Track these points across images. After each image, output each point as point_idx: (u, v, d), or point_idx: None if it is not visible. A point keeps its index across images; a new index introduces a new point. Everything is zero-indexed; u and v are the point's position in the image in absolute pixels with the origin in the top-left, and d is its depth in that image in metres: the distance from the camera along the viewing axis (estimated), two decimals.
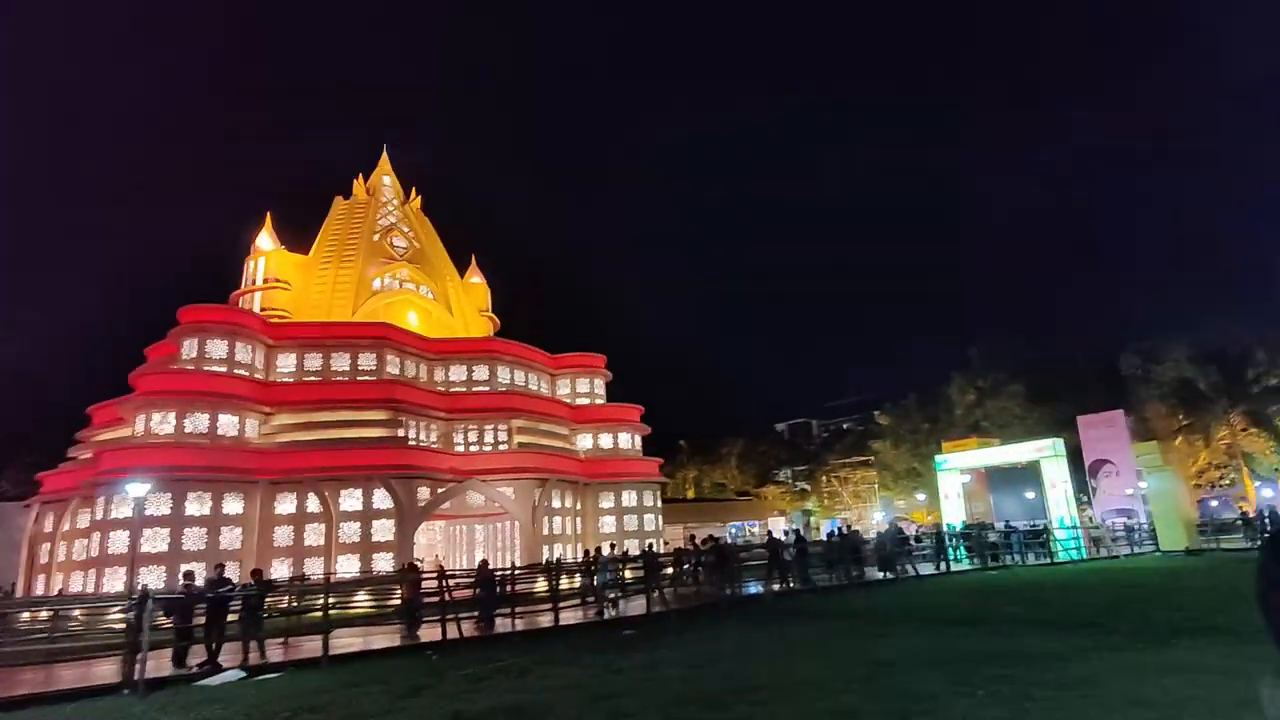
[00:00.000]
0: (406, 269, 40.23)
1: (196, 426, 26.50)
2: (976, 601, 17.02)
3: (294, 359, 31.12)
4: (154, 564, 23.73)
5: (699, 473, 73.08)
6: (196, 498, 25.12)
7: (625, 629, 15.59)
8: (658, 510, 37.56)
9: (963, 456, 35.93)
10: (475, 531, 35.10)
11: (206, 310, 29.36)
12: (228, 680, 11.49)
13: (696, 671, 10.14)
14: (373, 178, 44.20)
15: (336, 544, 26.74)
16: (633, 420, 39.05)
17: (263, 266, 38.50)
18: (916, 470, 51.08)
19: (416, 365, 33.68)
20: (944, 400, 52.29)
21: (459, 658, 12.88)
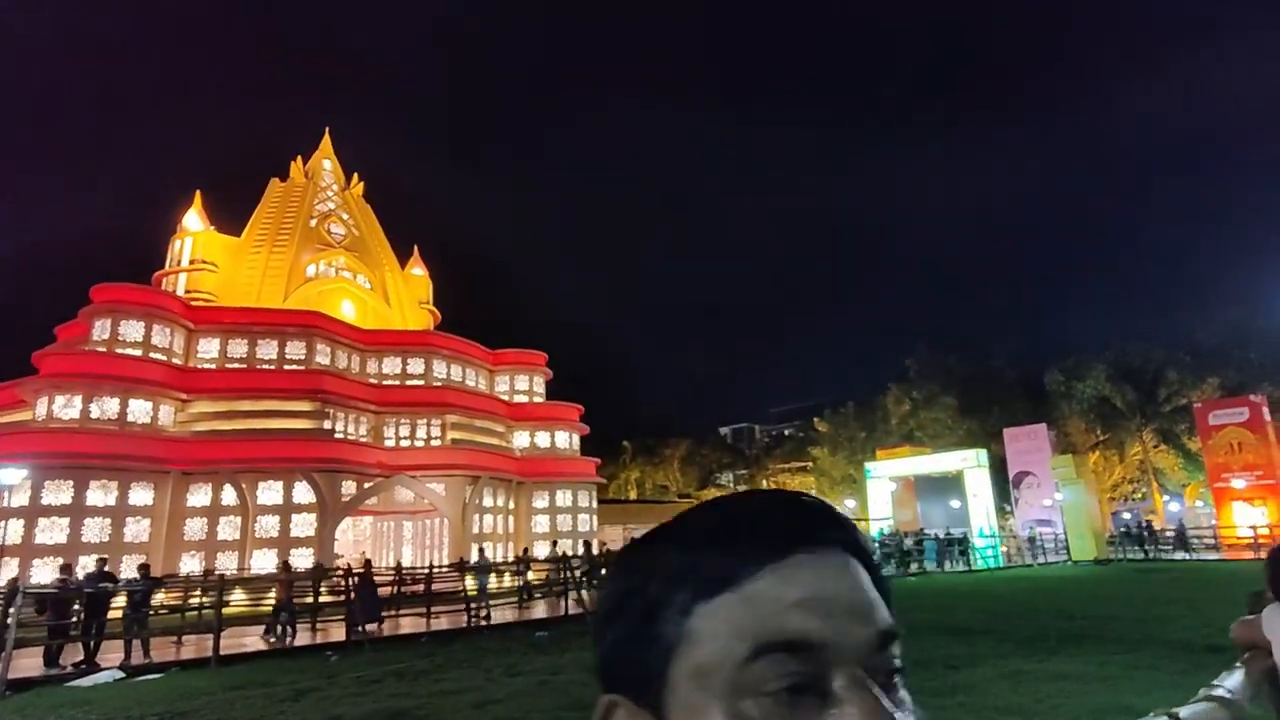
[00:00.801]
0: (343, 256, 39.10)
1: (104, 411, 25.19)
2: None
3: (217, 345, 29.89)
4: (50, 555, 22.38)
5: (642, 474, 73.09)
6: (100, 486, 23.86)
7: (539, 631, 15.35)
8: (593, 510, 37.33)
9: (891, 465, 36.74)
10: (404, 528, 34.29)
11: (121, 290, 27.96)
12: (103, 681, 10.86)
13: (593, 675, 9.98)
14: (312, 160, 42.83)
15: (253, 538, 25.77)
16: (571, 419, 38.74)
17: (189, 247, 36.86)
18: (852, 477, 51.97)
19: (348, 356, 32.73)
20: (881, 409, 53.39)
21: (359, 659, 12.48)
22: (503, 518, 33.35)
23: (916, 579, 25.04)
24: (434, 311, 43.82)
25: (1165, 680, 8.14)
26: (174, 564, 24.49)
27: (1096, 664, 9.42)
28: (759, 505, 0.52)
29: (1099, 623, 13.27)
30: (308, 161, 42.67)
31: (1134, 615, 14.10)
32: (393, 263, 42.40)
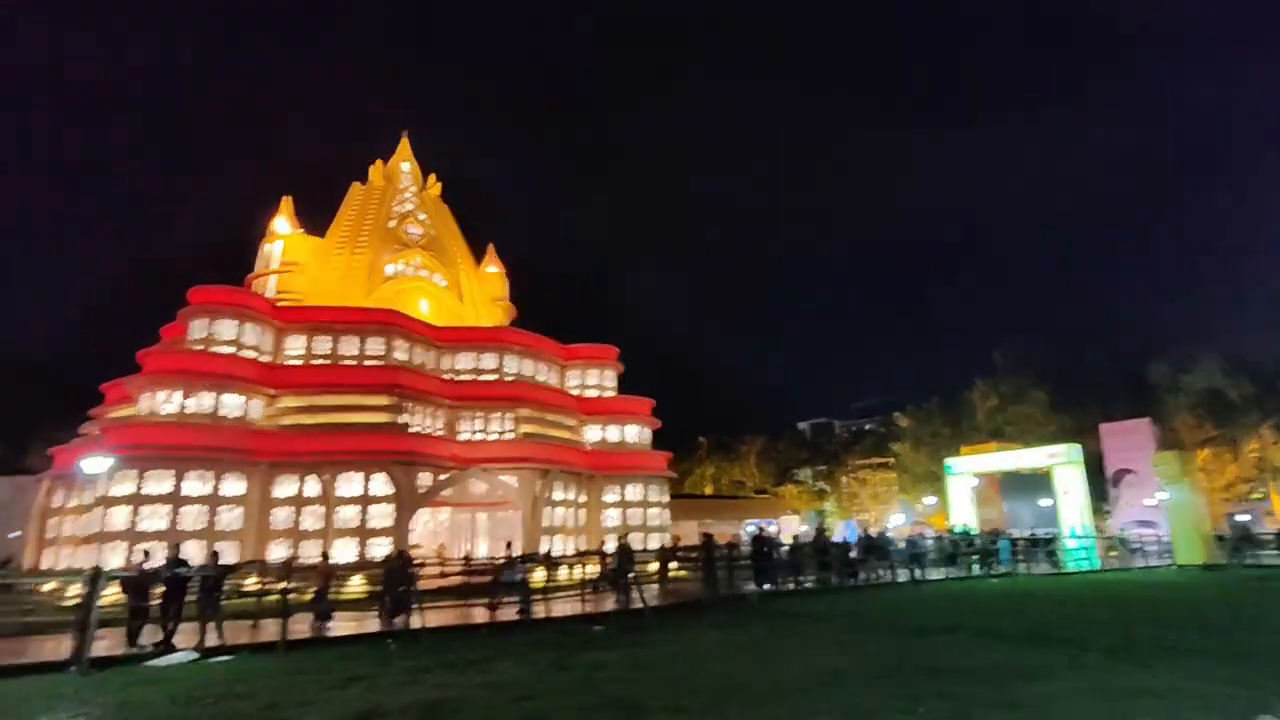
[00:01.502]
0: (420, 256, 40.27)
1: (200, 406, 26.77)
2: (962, 610, 16.39)
3: (302, 342, 31.29)
4: (153, 541, 23.94)
5: (718, 469, 72.50)
6: (198, 476, 25.35)
7: (596, 625, 15.29)
8: (664, 505, 37.16)
9: (973, 460, 34.96)
10: (479, 520, 35.08)
11: (215, 291, 29.65)
12: (177, 661, 11.44)
13: (638, 674, 9.80)
14: (391, 163, 44.31)
15: (334, 528, 26.84)
16: (643, 413, 38.67)
17: (279, 250, 38.83)
18: (935, 474, 49.88)
19: (424, 352, 33.65)
20: (966, 405, 51.11)
21: (417, 648, 12.70)
22: (574, 511, 33.61)
23: (999, 580, 23.69)
24: (508, 307, 44.64)
25: (1276, 703, 7.27)
26: (263, 551, 25.79)
27: (1193, 680, 8.55)
28: None
29: (1199, 634, 12.11)
30: (387, 164, 44.16)
31: (1241, 627, 12.79)
32: (468, 261, 43.39)
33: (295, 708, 8.24)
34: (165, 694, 9.14)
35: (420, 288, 39.43)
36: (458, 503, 33.40)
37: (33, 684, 10.11)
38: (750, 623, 15.13)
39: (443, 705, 8.06)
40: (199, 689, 9.34)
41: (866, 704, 7.83)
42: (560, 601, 19.72)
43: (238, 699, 8.75)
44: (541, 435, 33.43)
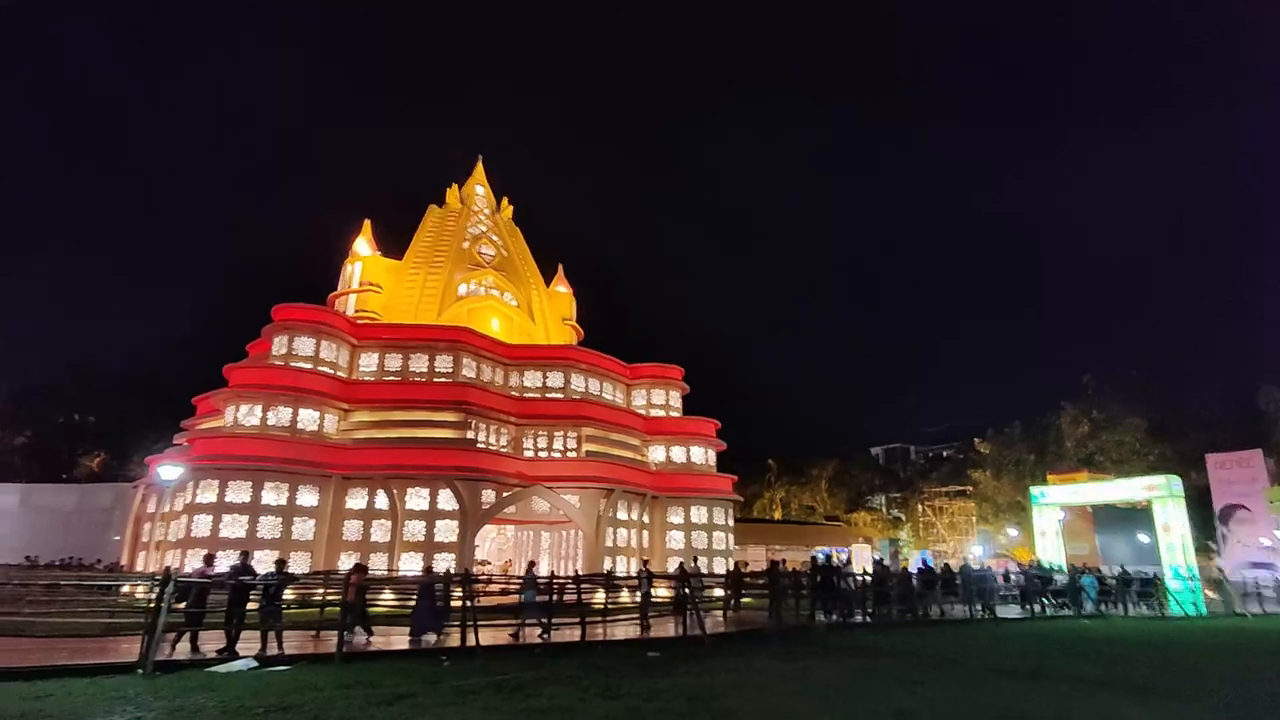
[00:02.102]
0: (492, 276, 41.06)
1: (279, 419, 27.82)
2: (1047, 652, 15.17)
3: (376, 359, 32.24)
4: (232, 549, 24.86)
5: (787, 493, 70.83)
6: (274, 488, 26.27)
7: (652, 650, 14.84)
8: (728, 529, 36.38)
9: (1062, 490, 32.81)
10: (542, 538, 35.13)
11: (296, 309, 30.89)
12: (237, 669, 11.62)
13: (691, 705, 9.33)
14: (466, 186, 45.53)
15: (401, 542, 27.31)
16: (707, 434, 38.11)
17: (359, 271, 40.30)
18: (1019, 504, 47.33)
19: (492, 369, 34.14)
20: (1053, 430, 48.33)
21: (469, 666, 12.54)
22: (636, 532, 33.25)
23: (1091, 622, 21.95)
24: (576, 327, 45.03)
25: None
26: (334, 562, 26.41)
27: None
28: None
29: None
30: (462, 188, 45.40)
31: None
32: (538, 281, 44.03)
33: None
34: (218, 701, 9.24)
35: (492, 307, 40.17)
36: (521, 520, 33.55)
37: (102, 684, 10.42)
38: (814, 656, 14.39)
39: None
40: (251, 698, 9.40)
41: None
42: (619, 625, 19.32)
43: (285, 711, 8.74)
44: (605, 454, 33.29)
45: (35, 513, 39.40)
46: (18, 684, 10.45)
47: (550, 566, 32.43)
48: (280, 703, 9.20)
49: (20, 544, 35.50)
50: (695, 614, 16.76)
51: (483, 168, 46.89)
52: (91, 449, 55.09)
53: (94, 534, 37.47)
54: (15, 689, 10.10)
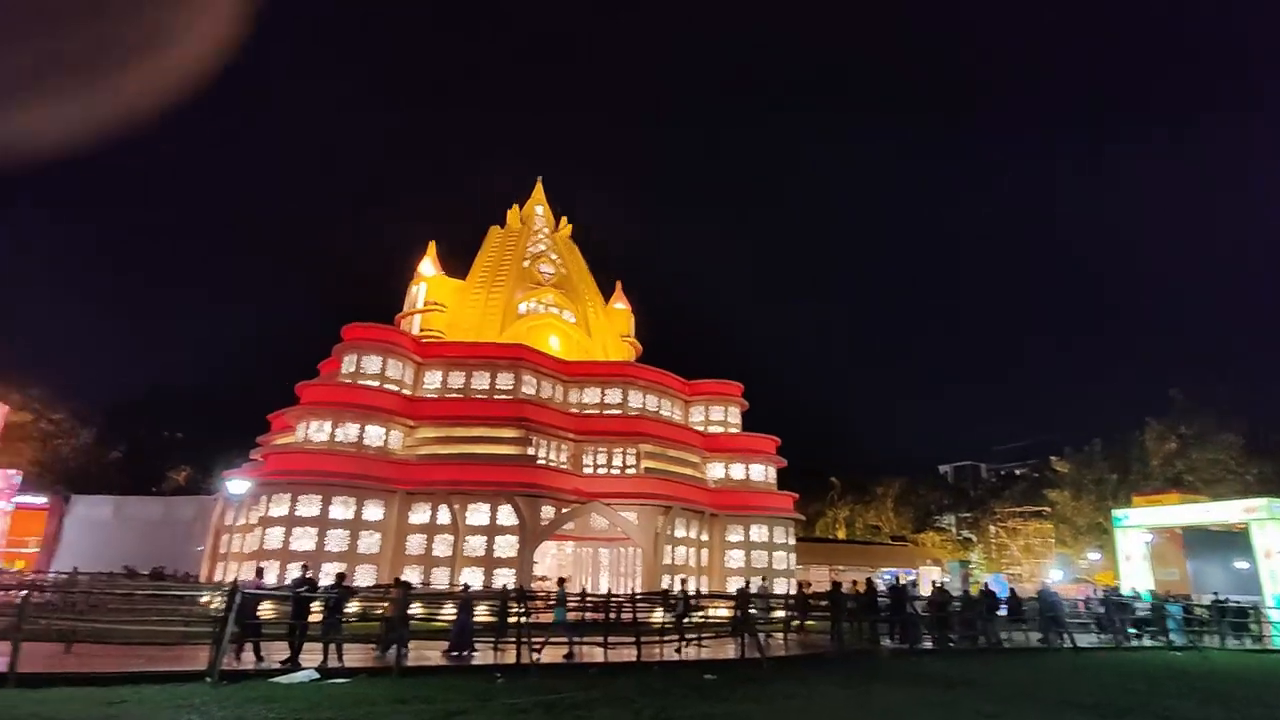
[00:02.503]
0: (551, 294, 41.59)
1: (347, 435, 28.70)
2: (1132, 686, 14.17)
3: (439, 376, 32.97)
4: (302, 561, 25.66)
5: (851, 512, 68.98)
6: (341, 502, 27.05)
7: (709, 673, 14.53)
8: (790, 548, 35.59)
9: (1148, 513, 30.92)
10: (601, 555, 35.08)
11: (364, 329, 31.92)
12: (299, 680, 11.89)
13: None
14: (526, 207, 46.38)
15: (462, 556, 27.69)
16: (767, 451, 37.49)
17: (424, 291, 41.46)
18: (1102, 526, 44.80)
19: (552, 386, 34.47)
20: (1137, 448, 45.69)
21: (523, 684, 12.52)
22: (695, 550, 32.85)
23: (1182, 655, 20.48)
24: (635, 344, 45.13)
25: None
26: (398, 575, 26.93)
27: None
28: None
29: None
30: (523, 208, 46.26)
31: None
32: (596, 298, 44.38)
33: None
34: (278, 713, 9.44)
35: (551, 324, 40.65)
36: (580, 536, 33.59)
37: (172, 691, 10.81)
38: (878, 682, 13.84)
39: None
40: (308, 710, 9.58)
41: None
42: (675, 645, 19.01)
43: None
44: (664, 471, 33.10)
45: (126, 523, 41.66)
46: (97, 689, 10.94)
47: (609, 584, 32.32)
48: (335, 716, 9.35)
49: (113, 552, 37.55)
50: (753, 635, 16.35)
51: (542, 188, 47.73)
52: (178, 463, 58.06)
53: (178, 544, 39.29)
54: (95, 694, 10.57)
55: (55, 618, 15.83)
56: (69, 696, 10.28)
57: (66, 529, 41.03)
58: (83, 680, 11.59)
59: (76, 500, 42.16)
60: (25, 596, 12.85)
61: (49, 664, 12.56)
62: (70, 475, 45.91)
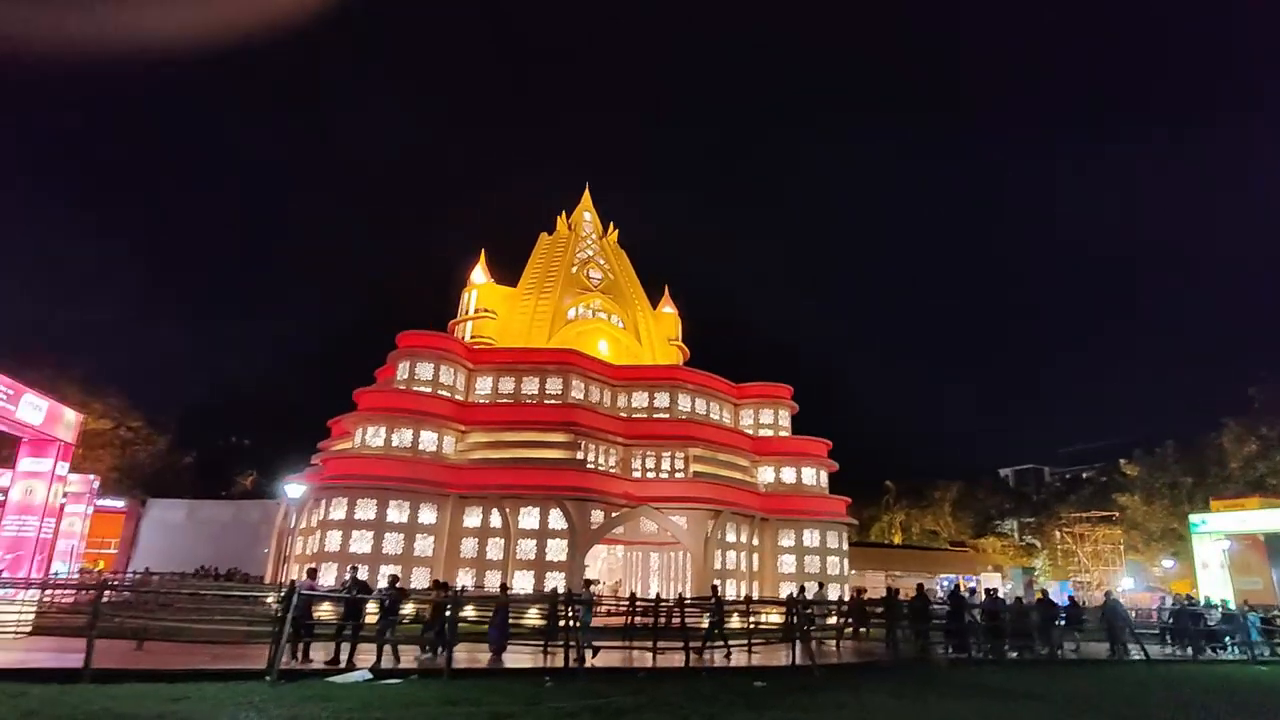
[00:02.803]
0: (599, 299, 41.84)
1: (402, 441, 29.37)
2: (1211, 703, 13.41)
3: (490, 382, 33.49)
4: (360, 563, 26.34)
5: (907, 517, 67.45)
6: (397, 506, 27.68)
7: (757, 680, 14.33)
8: (843, 553, 34.95)
9: (1228, 518, 29.37)
10: (651, 559, 35.06)
11: (417, 336, 32.65)
12: (353, 680, 12.17)
13: None
14: (574, 214, 46.83)
15: (514, 559, 28.01)
16: (818, 454, 36.91)
17: (475, 298, 42.21)
18: (1177, 532, 42.73)
19: (601, 391, 34.64)
20: (1214, 450, 43.43)
21: (571, 688, 12.56)
22: (746, 554, 32.54)
23: (1268, 669, 19.31)
24: (682, 348, 45.05)
25: None
26: (452, 578, 27.35)
27: None
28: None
29: None
30: (570, 215, 46.71)
31: None
32: (644, 303, 44.45)
33: None
34: (331, 712, 9.67)
35: (599, 329, 40.88)
36: (629, 540, 33.61)
37: (233, 688, 11.18)
38: (934, 694, 13.40)
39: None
40: (360, 710, 9.78)
41: None
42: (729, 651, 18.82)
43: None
44: (713, 475, 32.90)
45: (198, 525, 43.47)
46: (164, 685, 11.40)
47: (659, 588, 32.25)
48: (386, 716, 9.52)
49: (186, 553, 39.25)
50: (805, 642, 16.06)
51: (589, 195, 48.10)
52: (245, 468, 60.40)
53: (246, 546, 40.78)
54: (161, 689, 11.01)
55: (128, 616, 16.60)
56: (138, 692, 10.71)
57: (143, 531, 43.04)
58: (151, 676, 12.09)
59: (152, 504, 44.18)
60: (98, 596, 13.44)
61: (122, 660, 13.15)
62: (146, 480, 48.13)
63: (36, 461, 16.90)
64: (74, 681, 11.39)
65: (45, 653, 14.14)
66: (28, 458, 16.94)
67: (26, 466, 16.93)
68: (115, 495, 42.48)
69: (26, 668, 12.60)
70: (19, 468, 17.02)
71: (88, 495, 28.49)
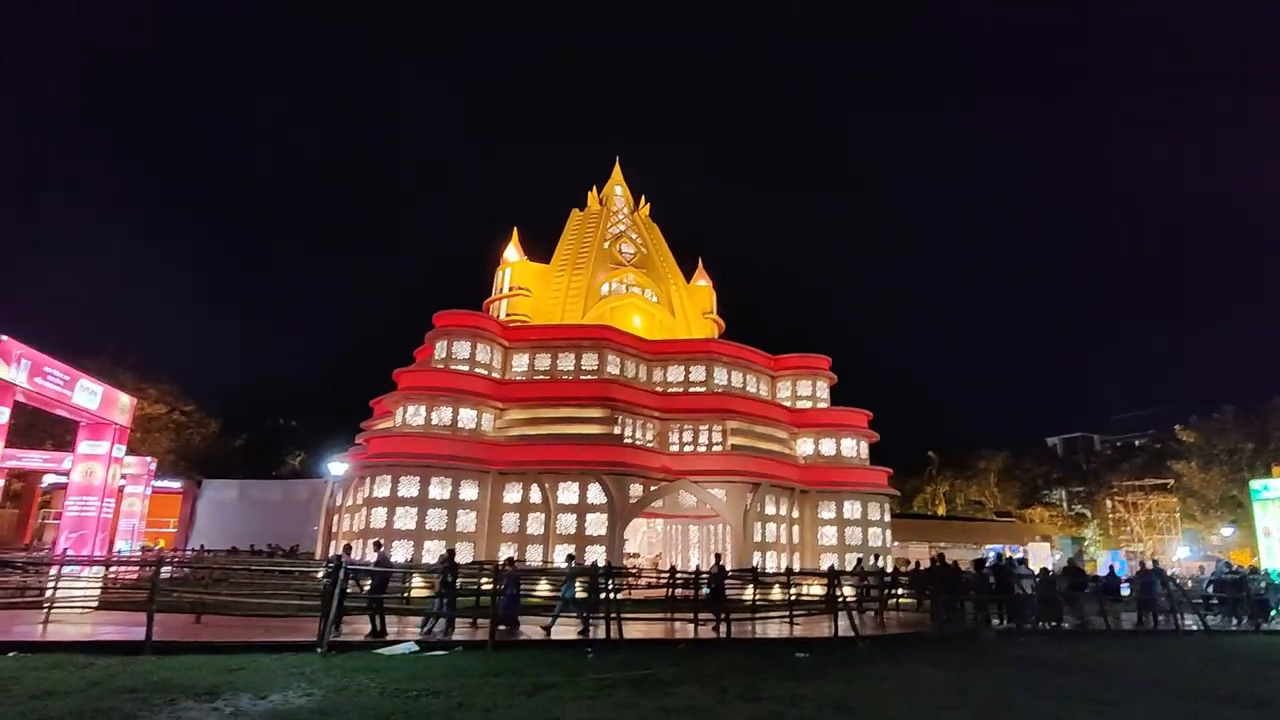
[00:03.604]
0: (632, 274, 41.58)
1: (441, 419, 29.73)
2: (1275, 675, 12.97)
3: (526, 359, 33.66)
4: (403, 539, 26.98)
5: (951, 488, 66.46)
6: (439, 483, 28.09)
7: (799, 651, 14.27)
8: (885, 525, 34.58)
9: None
10: (690, 532, 35.15)
11: (453, 315, 32.90)
12: (400, 652, 12.44)
13: (836, 715, 8.79)
14: (605, 188, 46.46)
15: (555, 534, 28.31)
16: (858, 426, 36.39)
17: (509, 276, 42.32)
18: (1236, 499, 41.31)
19: (636, 365, 34.57)
20: (1275, 415, 41.74)
21: (612, 659, 12.66)
22: (785, 527, 32.39)
23: None
24: (718, 320, 44.64)
25: None
26: (494, 553, 27.82)
27: None
28: None
29: None
30: (601, 190, 46.38)
31: None
32: (677, 276, 44.08)
33: (480, 711, 8.43)
34: (379, 683, 9.88)
35: (633, 304, 40.68)
36: (668, 514, 33.71)
37: (285, 659, 11.53)
38: (982, 665, 13.21)
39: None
40: (408, 681, 9.97)
41: None
42: (769, 623, 18.83)
43: (434, 696, 9.18)
44: (751, 448, 32.68)
45: (250, 505, 44.92)
46: (220, 656, 11.80)
47: (699, 561, 32.31)
48: (431, 687, 9.69)
49: (240, 531, 40.66)
50: (848, 614, 15.94)
51: (620, 169, 47.63)
52: (293, 449, 62.06)
53: (295, 524, 42.03)
54: (217, 661, 11.39)
55: (185, 590, 17.22)
56: (195, 664, 11.09)
57: (199, 510, 44.66)
58: (208, 649, 12.54)
59: (207, 484, 45.78)
60: (156, 572, 13.93)
61: (182, 633, 13.66)
62: (201, 462, 49.83)
63: (94, 444, 17.52)
64: (136, 653, 11.85)
65: (110, 625, 14.77)
66: (86, 440, 17.58)
67: (85, 449, 17.57)
68: (172, 477, 44.09)
69: (92, 640, 13.18)
70: (79, 450, 17.69)
71: (145, 476, 29.57)
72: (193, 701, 8.67)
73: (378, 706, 8.62)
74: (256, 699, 8.86)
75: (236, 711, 8.25)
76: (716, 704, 9.18)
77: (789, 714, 8.75)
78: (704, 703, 9.23)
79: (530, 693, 9.52)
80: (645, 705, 8.99)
